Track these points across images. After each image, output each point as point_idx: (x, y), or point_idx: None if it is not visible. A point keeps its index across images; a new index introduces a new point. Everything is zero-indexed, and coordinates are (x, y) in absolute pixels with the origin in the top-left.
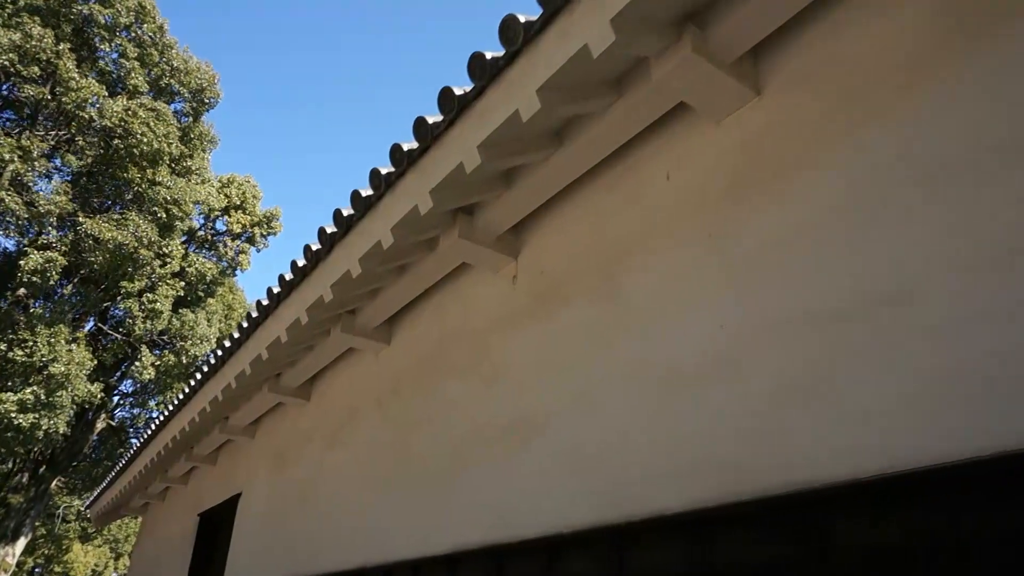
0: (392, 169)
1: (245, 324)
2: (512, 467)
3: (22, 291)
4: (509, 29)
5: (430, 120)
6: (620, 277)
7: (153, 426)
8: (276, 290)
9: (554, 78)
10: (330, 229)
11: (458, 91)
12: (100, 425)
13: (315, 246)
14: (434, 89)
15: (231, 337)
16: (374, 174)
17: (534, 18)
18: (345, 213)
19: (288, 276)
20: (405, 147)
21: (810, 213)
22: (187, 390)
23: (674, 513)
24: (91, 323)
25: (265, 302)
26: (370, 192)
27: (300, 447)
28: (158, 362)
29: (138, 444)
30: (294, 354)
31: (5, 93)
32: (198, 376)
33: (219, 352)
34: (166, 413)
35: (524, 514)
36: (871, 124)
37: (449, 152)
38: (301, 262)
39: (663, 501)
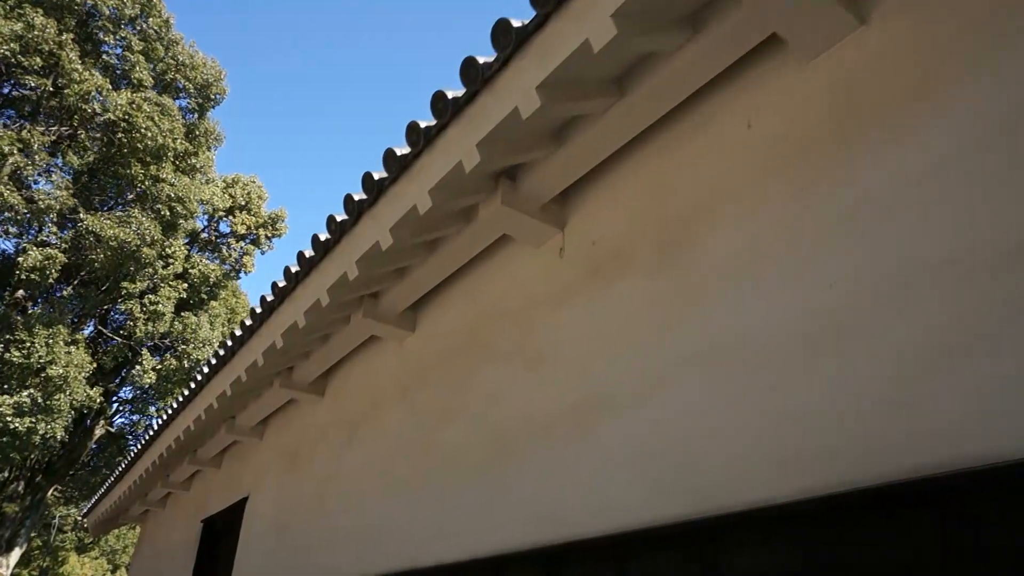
0: (433, 122)
1: (259, 309)
2: (567, 458)
3: (20, 293)
4: None
5: (481, 60)
6: (693, 242)
7: (155, 426)
8: (295, 269)
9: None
10: (358, 196)
11: (516, 24)
12: (99, 432)
13: (340, 216)
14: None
15: (242, 324)
16: (412, 128)
17: None
18: (376, 176)
19: (308, 253)
20: (450, 95)
21: (934, 154)
22: (193, 385)
23: (781, 503)
24: (91, 327)
25: (282, 283)
26: (406, 150)
27: (314, 446)
28: (159, 366)
29: (139, 447)
30: (309, 344)
31: (6, 91)
32: (205, 369)
33: (229, 342)
34: (169, 412)
35: (584, 511)
36: (1011, 47)
37: (502, 96)
38: (323, 236)
39: (764, 491)
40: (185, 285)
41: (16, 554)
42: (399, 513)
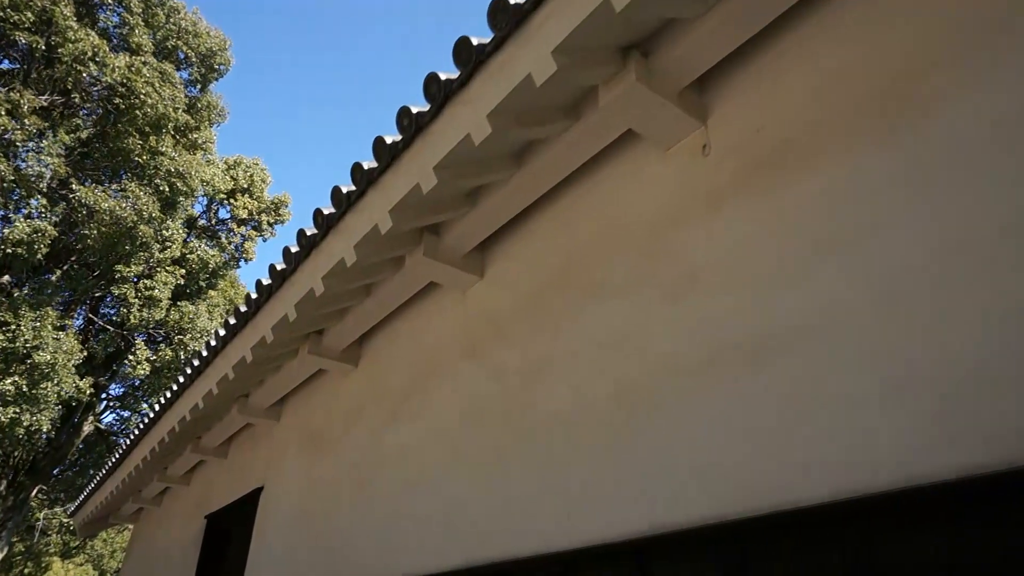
0: None
1: (296, 248)
2: (745, 406)
3: (6, 278)
4: None
5: None
6: (929, 106)
7: (158, 406)
8: (347, 189)
9: None
10: (445, 76)
11: None
12: (87, 428)
13: (416, 108)
14: None
15: (272, 270)
16: None
17: None
18: (476, 42)
19: (367, 165)
20: None
21: None
22: (205, 353)
23: None
24: (81, 316)
25: (328, 211)
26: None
27: (346, 425)
28: (154, 357)
29: (135, 434)
30: (349, 297)
31: None
32: (221, 332)
33: (254, 295)
34: (175, 388)
35: (789, 472)
36: None
37: None
38: (390, 139)
39: None
40: (183, 271)
41: None
42: (473, 495)
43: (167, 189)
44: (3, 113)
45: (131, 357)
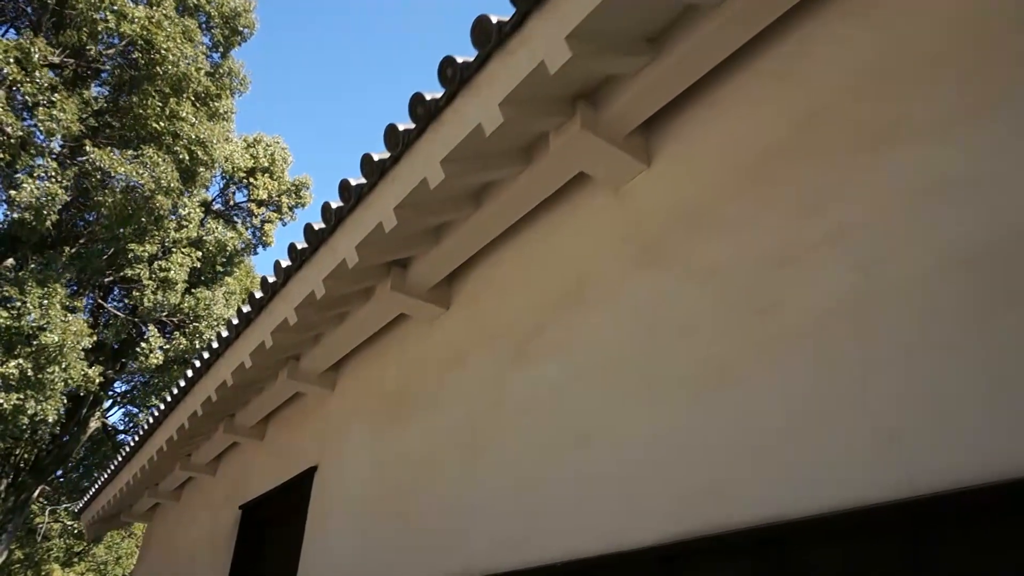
0: None
1: (406, 125)
2: None
3: (10, 262)
4: None
5: None
6: None
7: (191, 372)
8: (497, 20)
9: None
10: None
11: None
12: (93, 425)
13: None
14: None
15: (366, 165)
16: None
17: None
18: None
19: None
20: None
21: None
22: (259, 295)
23: None
24: (90, 303)
25: (462, 59)
26: None
27: (440, 379)
28: (167, 346)
29: (161, 408)
30: (454, 208)
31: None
32: (284, 264)
33: (335, 204)
34: (214, 347)
35: None
36: None
37: None
38: None
39: None
40: (199, 254)
41: None
42: (680, 438)
43: (187, 157)
44: (12, 62)
45: (143, 344)
